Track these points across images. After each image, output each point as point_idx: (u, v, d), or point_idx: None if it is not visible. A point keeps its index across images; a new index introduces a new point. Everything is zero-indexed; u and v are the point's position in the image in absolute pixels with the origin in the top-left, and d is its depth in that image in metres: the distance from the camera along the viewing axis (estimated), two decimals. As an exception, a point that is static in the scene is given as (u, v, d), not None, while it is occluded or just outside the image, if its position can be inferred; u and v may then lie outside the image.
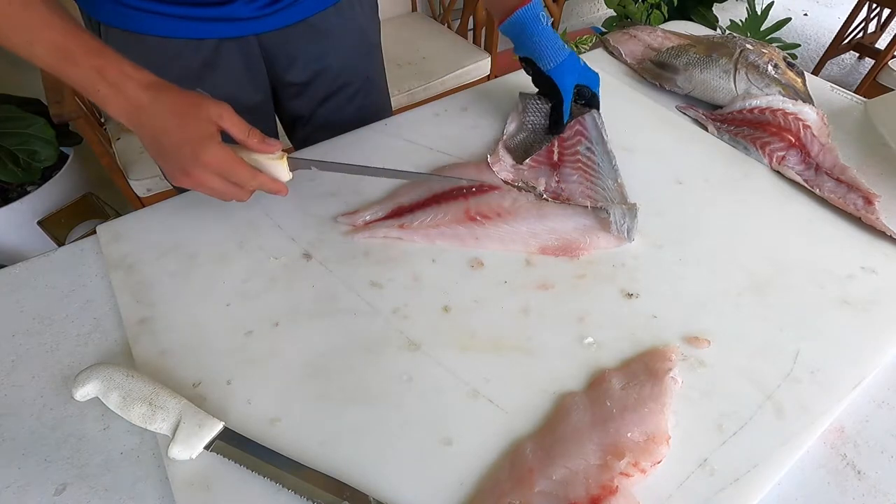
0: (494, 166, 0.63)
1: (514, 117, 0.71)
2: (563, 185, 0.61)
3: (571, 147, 0.66)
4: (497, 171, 0.62)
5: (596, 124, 0.68)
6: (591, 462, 0.39)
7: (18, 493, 0.39)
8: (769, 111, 0.70)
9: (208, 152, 0.46)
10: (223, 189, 0.49)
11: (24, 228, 1.28)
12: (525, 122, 0.70)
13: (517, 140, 0.68)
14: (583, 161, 0.64)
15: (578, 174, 0.62)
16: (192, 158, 0.46)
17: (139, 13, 0.58)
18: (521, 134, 0.69)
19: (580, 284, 0.53)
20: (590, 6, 2.82)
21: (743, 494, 0.39)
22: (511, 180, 0.61)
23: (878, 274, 0.54)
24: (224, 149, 0.47)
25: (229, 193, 0.50)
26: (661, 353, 0.46)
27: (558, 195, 0.59)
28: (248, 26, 0.63)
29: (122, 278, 0.52)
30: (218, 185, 0.48)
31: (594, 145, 0.66)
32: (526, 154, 0.65)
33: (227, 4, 0.60)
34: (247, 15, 0.62)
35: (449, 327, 0.49)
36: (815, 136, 0.68)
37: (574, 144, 0.66)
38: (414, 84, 1.55)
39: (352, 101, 0.78)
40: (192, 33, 0.61)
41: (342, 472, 0.39)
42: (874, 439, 0.44)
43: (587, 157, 0.64)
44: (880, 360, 0.47)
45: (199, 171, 0.47)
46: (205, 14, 0.59)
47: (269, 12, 0.63)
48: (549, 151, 0.65)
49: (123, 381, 0.41)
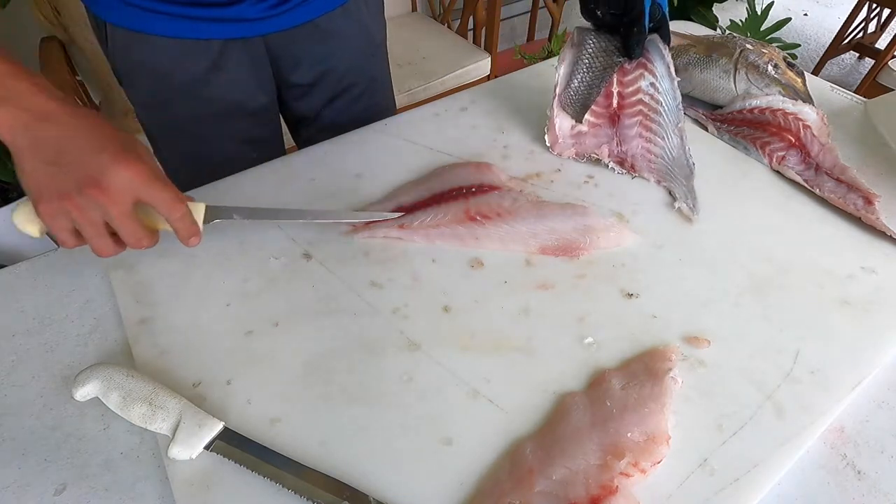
0: (553, 144, 0.59)
1: (568, 55, 0.62)
2: (624, 148, 0.58)
3: (633, 84, 0.59)
4: (557, 149, 0.59)
5: (661, 54, 0.59)
6: (591, 462, 0.39)
7: (18, 493, 0.39)
8: (769, 111, 0.70)
9: (135, 159, 0.40)
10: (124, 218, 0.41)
11: (24, 228, 1.28)
12: (581, 62, 0.61)
13: (573, 88, 0.61)
14: (644, 104, 0.59)
15: (639, 126, 0.58)
16: (110, 161, 0.39)
17: (146, 13, 0.58)
18: (577, 78, 0.61)
19: (580, 284, 0.53)
20: (590, 6, 2.81)
21: (743, 494, 0.39)
22: (576, 155, 0.58)
23: (878, 274, 0.54)
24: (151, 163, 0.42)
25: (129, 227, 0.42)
26: (661, 353, 0.46)
27: (623, 162, 0.58)
28: (254, 27, 0.63)
29: (122, 278, 0.52)
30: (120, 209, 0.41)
31: (659, 80, 0.59)
32: (584, 107, 0.59)
33: (235, 5, 0.60)
34: (254, 16, 0.62)
35: (449, 327, 0.49)
36: (815, 136, 0.68)
37: (635, 80, 0.59)
38: (414, 84, 1.56)
39: (357, 101, 0.78)
40: (198, 34, 0.61)
41: (342, 472, 0.39)
42: (874, 439, 0.44)
43: (650, 96, 0.58)
44: (880, 360, 0.47)
45: (114, 180, 0.39)
46: (212, 14, 0.59)
47: (276, 13, 0.63)
48: (607, 97, 0.59)
49: (123, 381, 0.41)
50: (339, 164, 0.65)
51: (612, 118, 0.60)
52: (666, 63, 0.59)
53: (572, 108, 0.60)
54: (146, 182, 0.41)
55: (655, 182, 0.56)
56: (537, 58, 1.67)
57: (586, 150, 0.59)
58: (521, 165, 0.65)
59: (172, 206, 0.43)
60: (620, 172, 0.60)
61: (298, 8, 0.64)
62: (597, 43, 0.60)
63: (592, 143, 0.60)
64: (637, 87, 0.59)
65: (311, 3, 0.65)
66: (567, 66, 0.62)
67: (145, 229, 0.44)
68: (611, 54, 0.60)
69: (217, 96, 0.67)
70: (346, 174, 0.63)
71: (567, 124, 0.60)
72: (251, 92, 0.69)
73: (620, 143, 0.58)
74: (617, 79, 0.60)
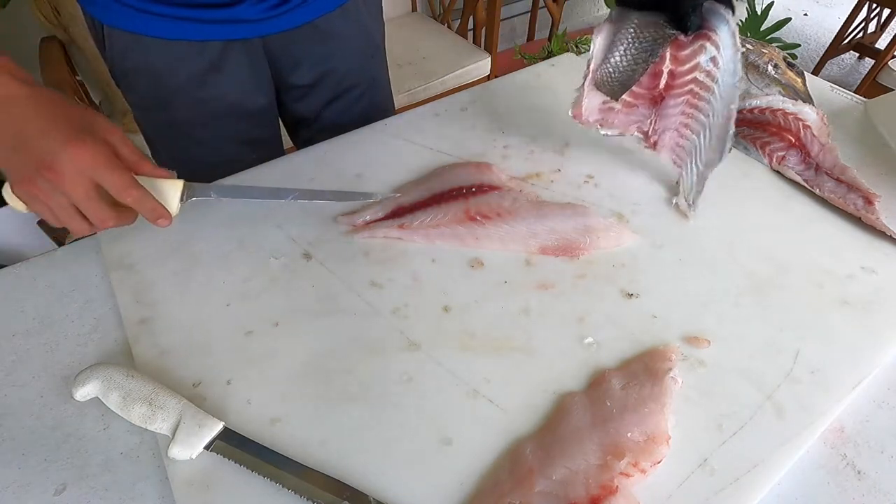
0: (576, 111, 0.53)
1: (605, 27, 0.53)
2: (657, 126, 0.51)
3: (689, 59, 0.50)
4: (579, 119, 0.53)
5: (725, 19, 0.49)
6: (591, 462, 0.39)
7: (18, 493, 0.39)
8: (769, 111, 0.70)
9: (86, 141, 0.39)
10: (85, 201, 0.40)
11: (24, 228, 1.28)
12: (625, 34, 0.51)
13: (612, 64, 0.52)
14: (698, 82, 0.50)
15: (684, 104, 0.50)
16: (60, 145, 0.38)
17: (143, 14, 0.58)
18: (618, 51, 0.52)
19: (580, 284, 0.53)
20: (590, 6, 2.82)
21: (743, 494, 0.39)
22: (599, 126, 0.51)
23: (878, 274, 0.54)
24: (106, 145, 0.40)
25: (92, 210, 0.41)
26: (661, 353, 0.46)
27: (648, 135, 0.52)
28: (254, 28, 0.63)
29: (122, 278, 0.52)
30: (80, 192, 0.40)
31: (721, 52, 0.49)
32: (623, 85, 0.51)
33: (234, 6, 0.59)
34: (253, 17, 0.61)
35: (449, 327, 0.49)
36: (815, 136, 0.68)
37: (693, 54, 0.50)
38: (414, 84, 1.56)
39: (357, 102, 0.78)
40: (196, 35, 0.60)
41: (342, 472, 0.39)
42: (874, 439, 0.44)
43: (706, 72, 0.50)
44: (880, 360, 0.47)
45: (66, 164, 0.39)
46: (210, 16, 0.59)
47: (275, 14, 0.63)
48: (654, 76, 0.51)
49: (123, 381, 0.41)
50: (339, 163, 0.65)
51: (655, 100, 0.52)
52: (731, 31, 0.49)
53: (609, 86, 0.52)
54: (97, 166, 0.40)
55: (671, 162, 0.50)
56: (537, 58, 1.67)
57: (612, 126, 0.54)
58: (521, 165, 0.65)
59: (123, 191, 0.42)
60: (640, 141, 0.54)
61: (297, 9, 0.64)
62: (643, 15, 0.52)
63: (623, 120, 0.54)
64: (694, 64, 0.50)
65: (310, 5, 0.65)
66: (604, 38, 0.53)
67: (111, 209, 0.42)
68: (661, 26, 0.50)
69: (215, 98, 0.67)
70: (346, 174, 0.63)
71: (597, 101, 0.54)
72: (250, 93, 0.69)
73: (655, 122, 0.52)
74: (670, 54, 0.51)
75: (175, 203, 0.46)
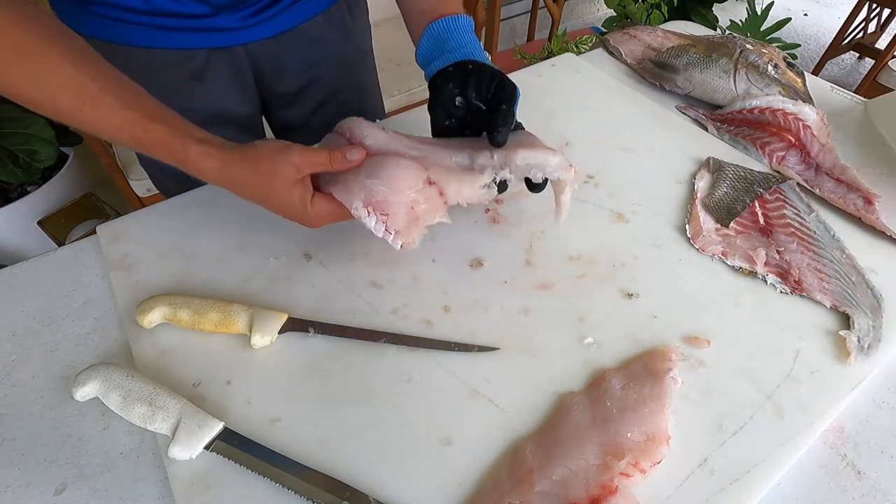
0: (695, 236, 0.56)
1: (706, 174, 0.65)
2: (786, 259, 0.53)
3: (776, 210, 0.59)
4: (700, 242, 0.55)
5: (798, 194, 0.62)
6: (591, 462, 0.39)
7: (18, 493, 0.39)
8: (769, 111, 0.70)
9: (313, 215, 0.47)
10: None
11: (24, 228, 1.28)
12: (724, 179, 0.63)
13: (716, 197, 0.61)
14: (795, 227, 0.56)
15: (798, 244, 0.54)
16: (303, 221, 0.47)
17: (122, 24, 0.57)
18: (720, 190, 0.61)
19: (580, 284, 0.53)
20: (590, 6, 2.82)
21: (743, 494, 0.39)
22: (723, 254, 0.54)
23: (878, 274, 0.54)
24: (321, 202, 0.47)
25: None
26: (661, 353, 0.46)
27: (786, 275, 0.52)
28: (234, 37, 0.62)
29: (122, 278, 0.52)
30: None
31: (802, 215, 0.59)
32: (729, 214, 0.58)
33: (212, 16, 0.59)
34: (232, 25, 0.60)
35: (449, 327, 0.49)
36: (815, 136, 0.68)
37: (778, 208, 0.59)
38: (414, 84, 1.55)
39: (345, 108, 0.77)
40: (176, 43, 0.59)
41: (342, 472, 0.39)
42: (874, 439, 0.44)
43: (799, 222, 0.57)
44: (880, 360, 0.47)
45: (316, 223, 0.48)
46: (190, 25, 0.58)
47: (254, 22, 0.61)
48: (751, 213, 0.59)
49: (123, 381, 0.41)
50: (339, 164, 0.65)
51: (763, 231, 0.57)
52: (805, 202, 0.61)
53: (716, 213, 0.59)
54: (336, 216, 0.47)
55: (830, 307, 0.50)
56: (537, 58, 1.67)
57: (737, 250, 0.55)
58: (521, 165, 0.65)
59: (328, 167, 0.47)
60: (783, 290, 0.52)
61: (277, 17, 0.63)
62: (735, 170, 0.64)
63: (744, 244, 0.55)
64: (781, 214, 0.59)
65: (291, 12, 0.64)
66: (706, 182, 0.64)
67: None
68: (751, 182, 0.62)
69: (198, 107, 0.66)
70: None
71: (711, 223, 0.58)
72: (234, 102, 0.68)
73: (780, 253, 0.54)
74: (759, 203, 0.60)
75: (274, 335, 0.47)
